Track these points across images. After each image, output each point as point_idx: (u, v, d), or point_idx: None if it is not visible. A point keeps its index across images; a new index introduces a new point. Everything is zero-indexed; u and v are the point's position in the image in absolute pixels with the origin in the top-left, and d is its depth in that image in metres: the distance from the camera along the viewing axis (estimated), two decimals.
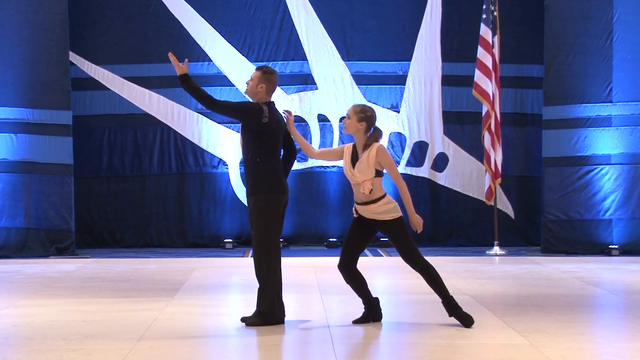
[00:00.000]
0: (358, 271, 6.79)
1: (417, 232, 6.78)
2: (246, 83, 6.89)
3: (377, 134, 6.69)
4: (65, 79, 11.21)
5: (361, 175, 6.59)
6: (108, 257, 10.97)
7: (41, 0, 11.06)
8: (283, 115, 6.81)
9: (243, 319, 6.56)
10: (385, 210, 6.67)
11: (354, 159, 6.65)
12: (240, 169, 11.72)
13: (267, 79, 6.76)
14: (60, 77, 11.16)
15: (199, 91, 6.71)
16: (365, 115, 6.62)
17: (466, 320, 6.48)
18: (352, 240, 6.72)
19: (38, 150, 11.08)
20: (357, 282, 6.74)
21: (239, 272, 7.02)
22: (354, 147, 6.69)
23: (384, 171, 6.72)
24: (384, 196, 6.70)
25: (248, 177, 6.68)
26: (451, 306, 6.56)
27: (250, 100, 6.86)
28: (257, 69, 6.89)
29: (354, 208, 6.72)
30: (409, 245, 6.74)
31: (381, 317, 6.71)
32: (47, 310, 7.33)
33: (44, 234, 11.09)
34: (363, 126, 6.62)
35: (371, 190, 6.61)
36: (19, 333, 6.50)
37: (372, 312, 6.70)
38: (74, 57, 11.63)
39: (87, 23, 11.82)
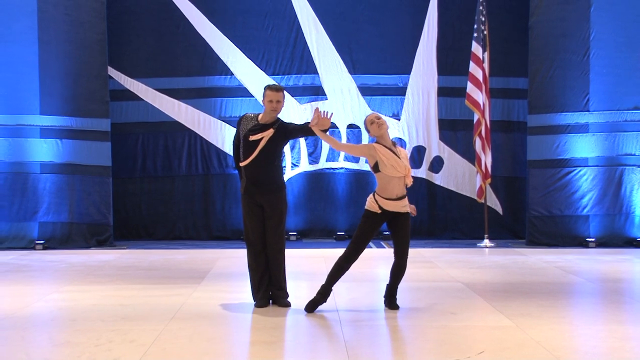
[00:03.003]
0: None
1: None
2: (277, 102, 6.67)
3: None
4: (105, 91, 11.22)
5: (409, 170, 6.62)
6: (142, 249, 10.98)
7: (83, 21, 11.07)
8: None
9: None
10: (406, 203, 6.70)
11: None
12: None
13: None
14: (100, 89, 11.17)
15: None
16: (384, 121, 6.59)
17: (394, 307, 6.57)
18: (369, 238, 6.62)
19: (80, 153, 11.09)
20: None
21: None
22: (385, 146, 6.55)
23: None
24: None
25: (273, 178, 6.67)
26: (392, 295, 6.60)
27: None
28: (281, 89, 6.75)
29: (377, 205, 6.55)
30: (408, 238, 6.70)
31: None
32: (88, 295, 7.35)
33: (86, 228, 11.10)
34: (385, 129, 6.56)
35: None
36: (64, 315, 6.52)
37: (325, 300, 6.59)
38: (112, 72, 11.65)
39: (124, 41, 11.84)
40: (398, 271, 6.64)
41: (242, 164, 6.67)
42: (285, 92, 6.90)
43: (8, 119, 10.96)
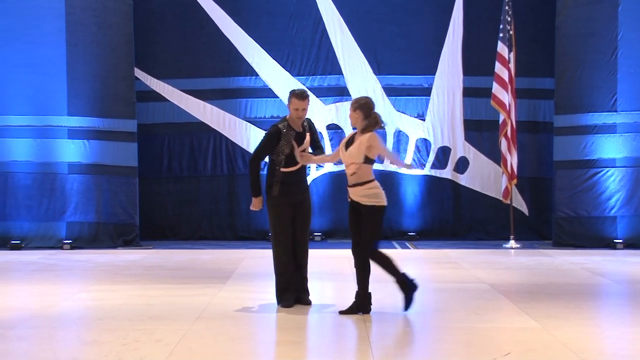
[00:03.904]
0: (378, 251, 6.50)
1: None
2: (302, 109, 6.71)
3: (373, 120, 6.42)
4: (131, 92, 11.30)
5: (350, 158, 6.43)
6: (168, 249, 11.04)
7: (110, 23, 11.17)
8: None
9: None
10: (368, 194, 6.42)
11: (349, 143, 6.49)
12: None
13: None
14: (126, 90, 11.25)
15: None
16: (358, 104, 6.44)
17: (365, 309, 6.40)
18: (352, 225, 6.55)
19: (107, 154, 11.17)
20: (381, 263, 6.49)
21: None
22: (354, 134, 6.51)
23: (381, 162, 6.56)
24: (370, 181, 6.46)
25: (305, 178, 6.85)
26: (363, 298, 6.43)
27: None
28: (307, 97, 6.75)
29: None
30: (372, 234, 6.40)
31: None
32: (115, 295, 7.40)
33: (112, 227, 11.18)
34: (359, 114, 6.41)
35: (354, 173, 6.40)
36: (91, 314, 6.58)
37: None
38: (138, 73, 11.73)
39: (150, 43, 11.92)
40: (359, 271, 6.48)
41: (287, 170, 6.67)
42: (310, 95, 6.91)
43: (36, 119, 11.08)
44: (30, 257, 10.07)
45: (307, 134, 6.78)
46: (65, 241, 10.94)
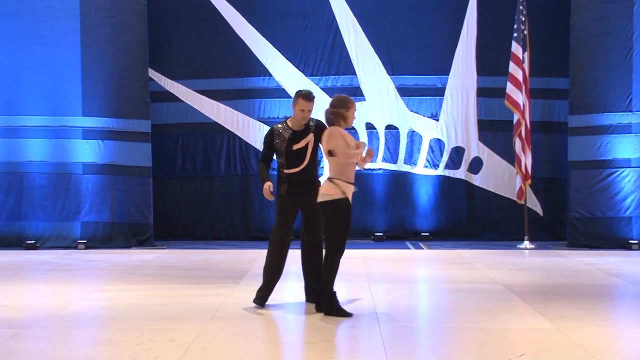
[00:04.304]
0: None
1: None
2: (308, 111, 6.74)
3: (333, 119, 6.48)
4: (145, 92, 11.35)
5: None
6: (181, 249, 11.07)
7: (124, 23, 11.21)
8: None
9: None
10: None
11: None
12: None
13: None
14: (140, 91, 11.30)
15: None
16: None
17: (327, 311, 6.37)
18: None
19: (121, 154, 11.22)
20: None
21: (295, 262, 7.03)
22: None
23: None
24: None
25: (315, 177, 6.87)
26: (317, 295, 6.42)
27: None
28: (313, 98, 6.76)
29: (352, 193, 6.51)
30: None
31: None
32: (129, 294, 7.44)
33: (127, 227, 11.22)
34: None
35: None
36: (105, 314, 6.61)
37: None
38: (152, 73, 11.77)
39: (164, 43, 11.96)
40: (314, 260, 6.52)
41: (289, 171, 6.67)
42: (316, 97, 6.91)
43: (51, 120, 11.14)
44: (45, 257, 10.13)
45: (311, 134, 6.73)
46: (80, 241, 11.00)
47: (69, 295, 7.45)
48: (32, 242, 10.98)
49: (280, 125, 6.78)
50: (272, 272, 6.72)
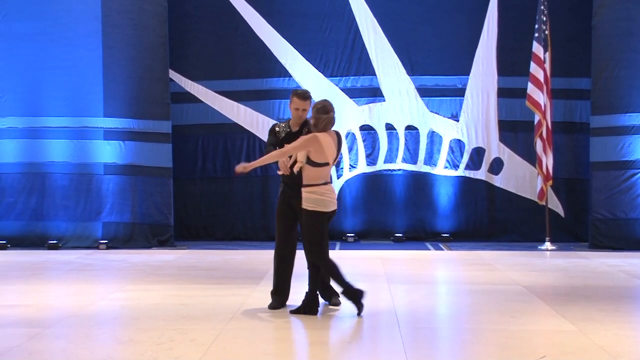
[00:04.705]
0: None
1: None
2: (302, 110, 6.61)
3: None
4: (166, 93, 11.40)
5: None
6: (202, 249, 11.10)
7: (145, 24, 11.27)
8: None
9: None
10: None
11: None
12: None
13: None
14: (161, 92, 11.35)
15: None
16: (315, 108, 6.39)
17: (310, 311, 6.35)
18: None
19: (142, 155, 11.27)
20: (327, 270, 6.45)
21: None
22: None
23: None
24: (312, 185, 6.40)
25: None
26: (311, 299, 6.40)
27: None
28: (309, 97, 6.65)
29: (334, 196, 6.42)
30: (307, 239, 6.38)
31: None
32: (150, 294, 7.47)
33: (147, 228, 11.28)
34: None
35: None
36: (127, 314, 6.64)
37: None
38: (173, 74, 11.83)
39: (184, 44, 12.01)
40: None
41: (280, 173, 6.58)
42: (312, 99, 6.71)
43: (73, 121, 11.22)
44: (67, 257, 10.21)
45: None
46: (101, 241, 11.07)
47: (91, 295, 7.50)
48: (55, 242, 11.07)
49: (283, 124, 6.74)
50: (280, 285, 6.65)
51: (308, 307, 6.37)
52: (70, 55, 11.15)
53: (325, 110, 6.34)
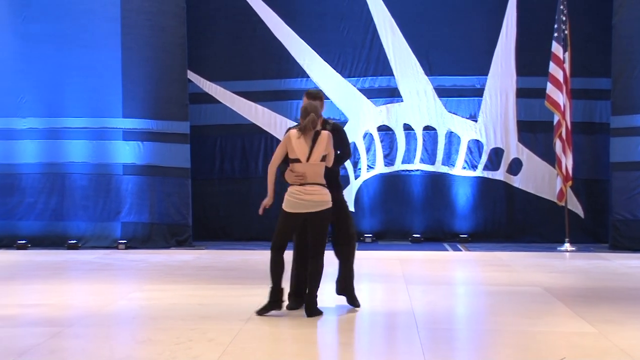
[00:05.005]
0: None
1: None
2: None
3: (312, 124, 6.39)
4: (184, 94, 11.45)
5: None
6: (220, 249, 11.13)
7: (163, 26, 11.32)
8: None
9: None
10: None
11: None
12: None
13: None
14: (179, 93, 11.40)
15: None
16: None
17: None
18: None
19: (161, 155, 11.32)
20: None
21: (330, 263, 7.03)
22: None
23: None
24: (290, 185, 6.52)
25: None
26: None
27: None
28: (320, 97, 6.62)
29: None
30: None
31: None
32: (168, 294, 7.50)
33: (166, 228, 11.32)
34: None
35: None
36: (145, 313, 6.68)
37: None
38: (191, 75, 11.87)
39: (202, 45, 12.05)
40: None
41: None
42: (324, 99, 6.73)
43: (92, 122, 11.29)
44: (86, 257, 10.27)
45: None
46: (120, 241, 11.12)
47: (110, 294, 7.54)
48: (74, 242, 11.14)
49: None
50: (298, 286, 6.62)
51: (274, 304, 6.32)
52: (90, 56, 11.21)
53: (305, 112, 6.34)
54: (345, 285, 6.70)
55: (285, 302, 6.45)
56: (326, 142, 6.32)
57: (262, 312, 6.33)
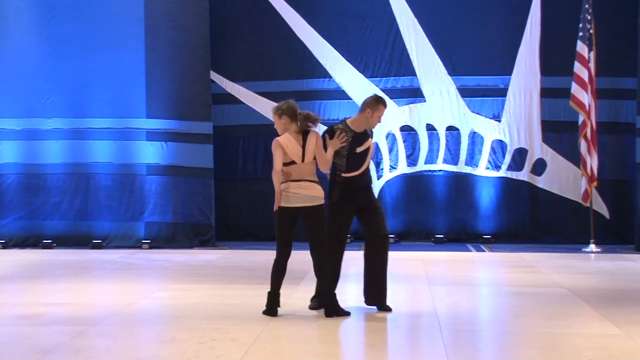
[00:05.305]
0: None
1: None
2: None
3: (308, 119, 6.49)
4: (207, 95, 11.50)
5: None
6: (243, 249, 11.16)
7: (187, 26, 11.38)
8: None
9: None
10: None
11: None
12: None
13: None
14: (202, 93, 11.45)
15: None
16: (281, 110, 6.56)
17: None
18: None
19: (184, 156, 11.39)
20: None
21: (354, 263, 7.04)
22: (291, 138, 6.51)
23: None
24: (285, 182, 6.60)
25: (370, 179, 6.86)
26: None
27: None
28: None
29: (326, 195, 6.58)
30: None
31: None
32: (192, 294, 7.53)
33: (189, 228, 11.38)
34: (285, 120, 6.55)
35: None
36: (169, 313, 6.71)
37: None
38: (214, 76, 11.92)
39: (225, 45, 12.10)
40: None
41: (348, 175, 6.60)
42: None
43: (117, 122, 11.37)
44: (110, 256, 10.35)
45: (370, 139, 6.70)
46: (144, 241, 11.19)
47: (134, 294, 7.59)
48: (98, 241, 11.23)
49: (339, 126, 6.71)
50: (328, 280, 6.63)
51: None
52: (114, 57, 11.30)
53: (294, 112, 6.55)
54: (378, 294, 6.58)
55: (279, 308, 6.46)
56: (315, 141, 6.48)
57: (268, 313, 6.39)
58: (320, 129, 12.00)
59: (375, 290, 6.60)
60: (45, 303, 7.10)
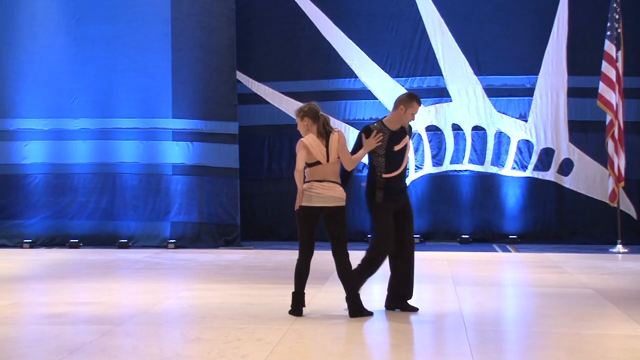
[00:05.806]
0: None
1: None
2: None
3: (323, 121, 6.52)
4: (233, 95, 11.55)
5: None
6: (268, 249, 11.19)
7: (213, 27, 11.43)
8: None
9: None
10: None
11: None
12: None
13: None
14: (228, 93, 11.50)
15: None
16: (303, 112, 6.57)
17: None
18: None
19: (210, 156, 11.44)
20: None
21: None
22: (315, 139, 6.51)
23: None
24: (307, 182, 6.62)
25: (406, 180, 6.79)
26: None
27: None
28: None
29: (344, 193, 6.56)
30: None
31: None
32: (217, 294, 7.57)
33: (214, 227, 11.43)
34: (307, 121, 6.54)
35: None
36: (194, 312, 6.74)
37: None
38: (240, 76, 11.97)
39: (251, 46, 12.14)
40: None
41: (388, 176, 6.58)
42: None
43: (143, 122, 11.46)
44: (136, 256, 10.42)
45: (407, 136, 6.69)
46: (170, 240, 11.26)
47: (159, 293, 7.63)
48: (125, 241, 11.31)
49: (375, 125, 6.66)
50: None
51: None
52: (141, 57, 11.38)
53: (315, 114, 6.57)
54: (404, 296, 6.59)
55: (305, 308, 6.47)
56: (337, 140, 6.48)
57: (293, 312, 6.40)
58: (344, 128, 12.00)
59: (404, 288, 6.59)
60: (72, 302, 7.17)
